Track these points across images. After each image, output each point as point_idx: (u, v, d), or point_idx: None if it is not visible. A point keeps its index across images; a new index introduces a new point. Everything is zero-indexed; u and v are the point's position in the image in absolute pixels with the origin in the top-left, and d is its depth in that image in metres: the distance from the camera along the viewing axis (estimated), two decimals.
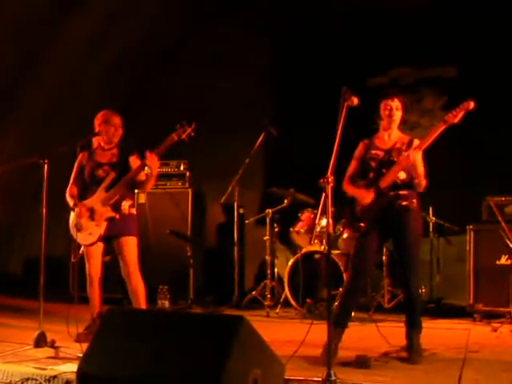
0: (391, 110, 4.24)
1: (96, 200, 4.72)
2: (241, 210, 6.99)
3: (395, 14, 7.30)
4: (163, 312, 3.99)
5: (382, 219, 4.19)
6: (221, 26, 7.92)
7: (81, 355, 3.79)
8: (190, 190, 6.82)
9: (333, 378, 3.37)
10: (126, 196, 4.80)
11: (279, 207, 6.54)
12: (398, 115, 4.27)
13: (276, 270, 6.62)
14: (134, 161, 4.89)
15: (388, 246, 6.07)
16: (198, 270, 6.74)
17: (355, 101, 3.92)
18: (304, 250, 6.17)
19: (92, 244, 4.71)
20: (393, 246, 4.42)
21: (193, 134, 4.71)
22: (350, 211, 4.34)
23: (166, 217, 6.68)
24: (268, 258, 6.51)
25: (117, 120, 4.87)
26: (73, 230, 4.72)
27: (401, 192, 4.18)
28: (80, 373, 2.92)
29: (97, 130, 4.88)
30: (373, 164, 4.26)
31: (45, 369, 3.72)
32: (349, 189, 4.40)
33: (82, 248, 4.72)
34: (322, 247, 6.14)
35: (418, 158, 4.07)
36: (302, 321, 5.67)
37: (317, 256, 6.11)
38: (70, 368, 3.76)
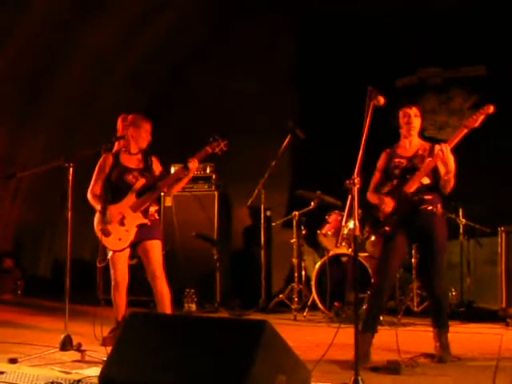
0: (410, 117, 4.28)
1: (125, 205, 4.69)
2: (268, 213, 6.95)
3: (423, 14, 7.22)
4: (185, 317, 3.94)
5: (406, 224, 4.20)
6: (246, 28, 7.91)
7: (105, 359, 3.81)
8: (216, 193, 6.81)
9: (360, 383, 3.31)
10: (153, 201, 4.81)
11: (306, 209, 6.47)
12: (416, 122, 4.30)
13: (303, 272, 6.54)
14: (156, 166, 4.91)
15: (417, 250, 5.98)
16: (224, 273, 6.72)
17: (381, 100, 3.88)
18: (331, 253, 6.09)
19: (122, 250, 4.70)
20: (419, 250, 4.35)
21: (225, 148, 4.69)
22: (374, 216, 4.33)
23: (193, 220, 6.67)
24: (295, 260, 6.45)
25: (148, 126, 4.85)
26: (99, 234, 4.70)
27: (425, 197, 4.17)
28: (102, 377, 2.90)
29: (123, 132, 4.87)
30: (397, 172, 4.28)
31: (70, 372, 3.71)
32: (373, 198, 4.41)
33: (109, 253, 4.69)
34: (350, 250, 6.06)
35: (447, 153, 4.05)
36: (330, 324, 5.61)
37: (344, 259, 6.04)
38: (95, 372, 3.73)
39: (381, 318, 4.38)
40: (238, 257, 7.30)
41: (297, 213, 6.43)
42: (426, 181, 4.18)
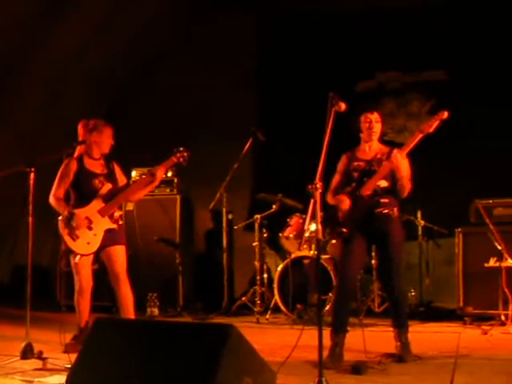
0: (371, 122, 4.37)
1: (93, 210, 4.68)
2: (229, 216, 6.98)
3: (383, 18, 7.33)
4: (152, 322, 3.93)
5: (363, 225, 4.29)
6: (208, 28, 7.90)
7: (69, 366, 3.76)
8: (178, 197, 6.80)
9: None
10: None
11: (268, 212, 6.51)
12: (377, 127, 4.40)
13: (266, 275, 6.58)
14: (118, 172, 4.92)
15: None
16: (187, 276, 6.73)
17: (343, 106, 3.95)
18: (293, 256, 6.15)
19: (91, 254, 4.68)
20: (377, 253, 4.45)
21: (187, 159, 4.75)
22: (333, 218, 4.41)
23: (155, 224, 6.65)
24: (257, 263, 6.49)
25: (109, 131, 4.85)
26: (67, 238, 4.66)
27: (382, 200, 4.27)
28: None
29: (84, 137, 4.84)
30: (355, 175, 4.37)
31: (32, 381, 3.67)
32: (331, 200, 4.49)
33: (77, 257, 4.65)
34: (311, 252, 6.13)
35: (400, 159, 4.14)
36: (293, 326, 5.66)
37: (306, 261, 6.10)
38: (58, 380, 3.71)
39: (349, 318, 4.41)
40: (201, 260, 7.29)
41: (259, 216, 6.47)
42: (384, 184, 4.28)
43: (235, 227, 6.86)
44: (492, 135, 6.35)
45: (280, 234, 6.38)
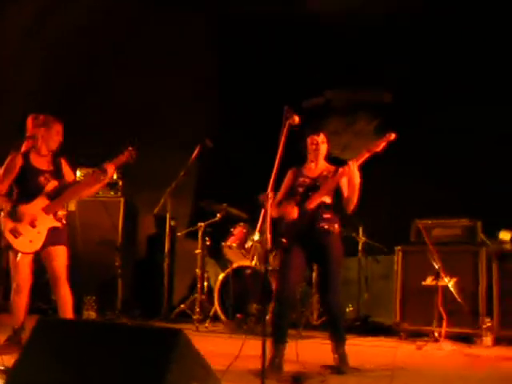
0: (317, 144, 4.47)
1: (37, 207, 4.55)
2: (172, 222, 6.91)
3: (331, 37, 7.48)
4: (98, 323, 3.84)
5: (304, 238, 4.35)
6: (159, 30, 7.83)
7: (2, 368, 3.64)
8: (122, 199, 6.71)
9: None
10: None
11: (212, 221, 6.51)
12: (323, 148, 4.50)
13: (206, 283, 6.56)
14: (66, 169, 4.81)
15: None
16: (126, 280, 6.63)
17: (296, 119, 4.06)
18: (235, 265, 6.16)
19: (33, 252, 4.55)
20: (317, 267, 4.52)
21: (135, 157, 4.68)
22: (274, 228, 4.45)
23: (96, 225, 6.54)
24: (198, 271, 6.47)
25: (59, 127, 4.74)
26: (8, 235, 4.51)
27: (324, 215, 4.35)
28: None
29: (32, 132, 4.71)
30: (300, 190, 4.45)
31: None
32: (275, 211, 4.45)
33: (19, 255, 4.51)
34: (253, 262, 6.16)
35: (354, 168, 4.23)
36: (231, 335, 5.66)
37: (247, 271, 6.11)
38: None
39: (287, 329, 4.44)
40: (141, 265, 7.21)
41: (202, 224, 6.46)
42: (327, 200, 4.38)
43: (178, 234, 6.82)
44: (434, 157, 6.56)
45: (223, 243, 6.39)
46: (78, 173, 6.51)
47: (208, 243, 6.59)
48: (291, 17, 7.66)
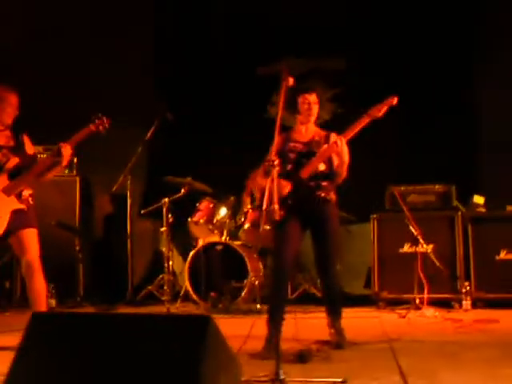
0: (310, 103, 4.21)
1: None
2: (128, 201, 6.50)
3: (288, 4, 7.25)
4: (106, 315, 3.45)
5: (300, 208, 4.12)
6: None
7: None
8: (77, 178, 6.24)
9: (282, 376, 3.16)
10: None
11: (176, 196, 6.16)
12: (315, 109, 4.25)
13: (171, 263, 6.23)
14: (28, 146, 4.36)
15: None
16: (86, 265, 6.20)
17: (291, 81, 3.80)
18: (205, 241, 5.88)
19: None
20: (312, 237, 4.33)
21: (108, 126, 4.30)
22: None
23: (52, 207, 6.03)
24: (165, 249, 6.11)
25: (13, 98, 4.27)
26: None
27: (322, 183, 4.15)
28: None
29: None
30: (291, 156, 4.19)
31: None
32: (263, 180, 4.25)
33: None
34: (223, 238, 5.90)
35: (343, 144, 4.04)
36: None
37: (219, 247, 5.84)
38: None
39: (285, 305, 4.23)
40: (99, 247, 6.76)
41: (167, 200, 6.09)
42: (322, 167, 4.16)
43: (142, 211, 6.39)
44: (407, 125, 6.43)
45: (189, 219, 6.07)
46: None
47: (171, 220, 6.22)
48: None
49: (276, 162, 3.43)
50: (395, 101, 4.03)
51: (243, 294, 5.57)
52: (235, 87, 7.14)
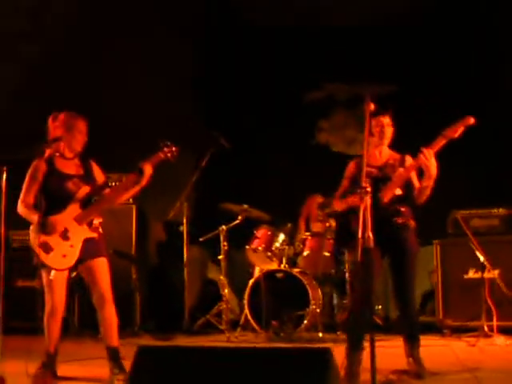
0: (383, 126, 4.18)
1: (68, 216, 4.06)
2: (181, 228, 6.46)
3: (333, 28, 7.26)
4: (216, 349, 3.36)
5: (379, 234, 3.98)
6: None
7: None
8: (133, 206, 6.21)
9: None
10: None
11: (233, 224, 6.09)
12: (389, 132, 4.20)
13: (226, 291, 6.13)
14: (97, 172, 4.34)
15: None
16: (143, 293, 6.14)
17: (372, 106, 3.76)
18: (265, 269, 5.80)
19: (68, 268, 4.07)
20: (389, 264, 4.25)
21: (176, 154, 4.26)
22: (343, 229, 4.17)
23: (108, 235, 5.96)
24: (223, 278, 6.03)
25: (82, 125, 4.24)
26: (38, 250, 4.01)
27: (400, 208, 4.08)
28: None
29: (54, 134, 4.21)
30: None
31: None
32: (340, 204, 4.24)
33: (52, 272, 4.02)
34: (283, 265, 5.83)
35: (430, 157, 3.92)
36: (270, 344, 5.31)
37: (279, 275, 5.75)
38: None
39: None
40: (154, 275, 6.70)
41: (224, 227, 6.03)
42: (399, 192, 4.08)
43: (201, 239, 6.32)
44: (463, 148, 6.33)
45: (247, 247, 6.01)
46: None
47: (226, 248, 6.15)
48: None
49: (369, 189, 3.37)
50: (472, 120, 3.92)
51: (305, 322, 5.48)
52: (283, 112, 7.14)
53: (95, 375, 4.19)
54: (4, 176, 3.81)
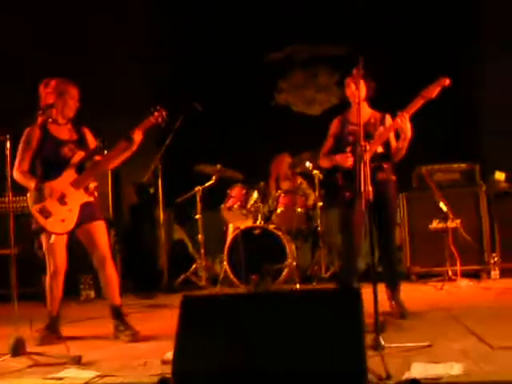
0: (358, 83, 4.30)
1: (65, 181, 4.14)
2: (151, 190, 6.57)
3: None
4: (256, 294, 3.53)
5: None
6: None
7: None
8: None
9: (382, 343, 3.39)
10: None
11: (208, 184, 6.29)
12: (362, 90, 4.33)
13: (202, 250, 6.34)
14: (90, 138, 4.42)
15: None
16: (122, 255, 6.26)
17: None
18: (243, 226, 6.03)
19: (67, 232, 4.16)
20: (373, 217, 4.54)
21: (166, 118, 4.33)
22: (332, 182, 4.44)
23: None
24: (200, 236, 6.24)
25: (74, 91, 4.30)
26: (37, 215, 4.09)
27: (383, 164, 4.37)
28: (177, 374, 2.56)
29: (46, 100, 4.24)
30: (350, 138, 4.38)
31: (61, 378, 3.22)
32: (326, 161, 4.52)
33: (52, 237, 4.11)
34: (258, 222, 6.08)
35: (406, 120, 4.18)
36: None
37: (256, 231, 6.00)
38: (75, 373, 3.30)
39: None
40: (129, 238, 6.81)
41: (200, 187, 6.22)
42: (380, 149, 4.36)
43: (178, 200, 6.46)
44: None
45: (222, 206, 6.21)
46: None
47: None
48: None
49: (368, 148, 3.62)
50: (447, 81, 4.10)
51: (283, 275, 5.78)
52: (244, 74, 7.24)
53: (99, 333, 4.34)
54: (8, 144, 3.85)
